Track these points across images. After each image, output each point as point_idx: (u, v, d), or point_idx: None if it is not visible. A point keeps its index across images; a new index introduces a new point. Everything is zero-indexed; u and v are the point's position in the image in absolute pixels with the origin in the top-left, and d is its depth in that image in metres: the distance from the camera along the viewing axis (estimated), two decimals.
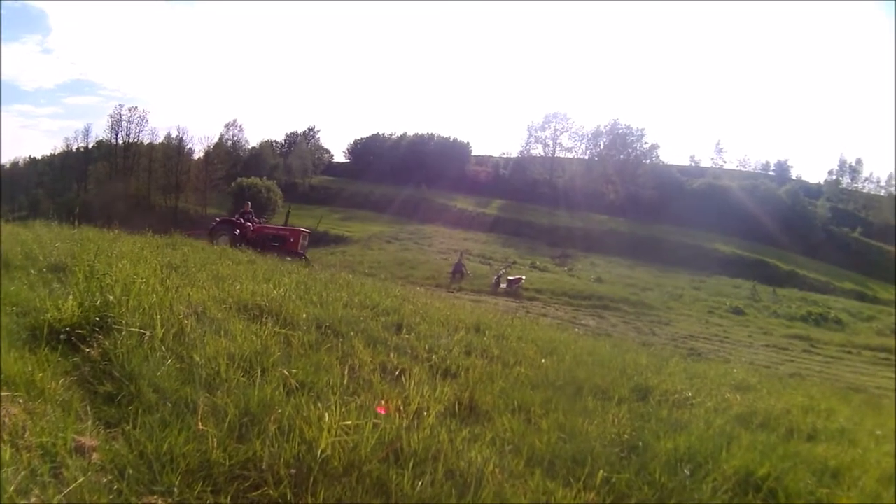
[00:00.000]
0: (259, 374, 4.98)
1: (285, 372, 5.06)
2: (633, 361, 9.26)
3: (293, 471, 3.61)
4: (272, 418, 4.10)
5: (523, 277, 40.04)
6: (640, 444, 5.06)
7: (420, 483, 3.74)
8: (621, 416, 5.78)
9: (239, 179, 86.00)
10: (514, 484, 3.99)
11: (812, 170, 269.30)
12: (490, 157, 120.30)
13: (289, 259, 21.77)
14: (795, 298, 56.08)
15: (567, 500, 3.95)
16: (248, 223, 27.43)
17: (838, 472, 5.29)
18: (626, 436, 5.22)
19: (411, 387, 5.39)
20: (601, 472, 4.27)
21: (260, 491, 3.49)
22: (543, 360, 7.95)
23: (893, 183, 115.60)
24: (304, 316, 7.39)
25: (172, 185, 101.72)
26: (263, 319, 6.97)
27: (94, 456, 3.55)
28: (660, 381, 7.76)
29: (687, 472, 4.61)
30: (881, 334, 44.64)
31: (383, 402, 4.74)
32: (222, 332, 5.96)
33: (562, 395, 6.23)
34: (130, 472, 3.45)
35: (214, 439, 3.79)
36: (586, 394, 6.52)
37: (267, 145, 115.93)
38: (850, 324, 49.84)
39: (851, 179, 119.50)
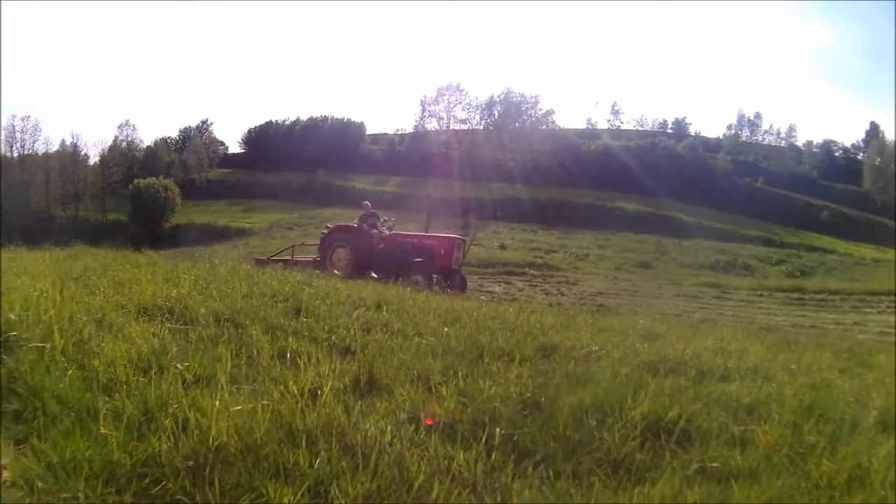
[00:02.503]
0: (157, 372, 4.99)
1: (179, 366, 5.09)
2: (539, 322, 9.38)
3: (190, 462, 3.67)
4: (169, 413, 4.16)
5: None
6: (544, 399, 5.14)
7: (317, 460, 3.77)
8: (524, 376, 5.87)
9: (136, 181, 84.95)
10: (414, 451, 4.02)
11: (711, 126, 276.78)
12: (385, 134, 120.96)
13: (438, 284, 19.03)
14: (702, 248, 57.86)
15: (468, 462, 3.98)
16: (374, 230, 22.26)
17: (753, 407, 5.44)
18: (528, 394, 5.30)
19: (308, 367, 5.44)
20: (499, 430, 4.30)
21: (161, 485, 3.52)
22: (445, 329, 8.02)
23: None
24: (203, 311, 7.46)
25: (71, 194, 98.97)
26: (162, 319, 7.03)
27: (5, 474, 3.62)
28: (565, 338, 7.88)
29: (593, 422, 4.70)
30: (791, 276, 46.60)
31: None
32: (121, 336, 5.94)
33: (463, 361, 6.32)
34: (39, 484, 3.48)
35: (115, 441, 3.82)
36: (489, 357, 6.62)
37: (161, 143, 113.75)
38: (760, 268, 51.87)
39: (751, 133, 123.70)
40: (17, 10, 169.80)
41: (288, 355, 6.01)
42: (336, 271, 20.09)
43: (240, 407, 4.23)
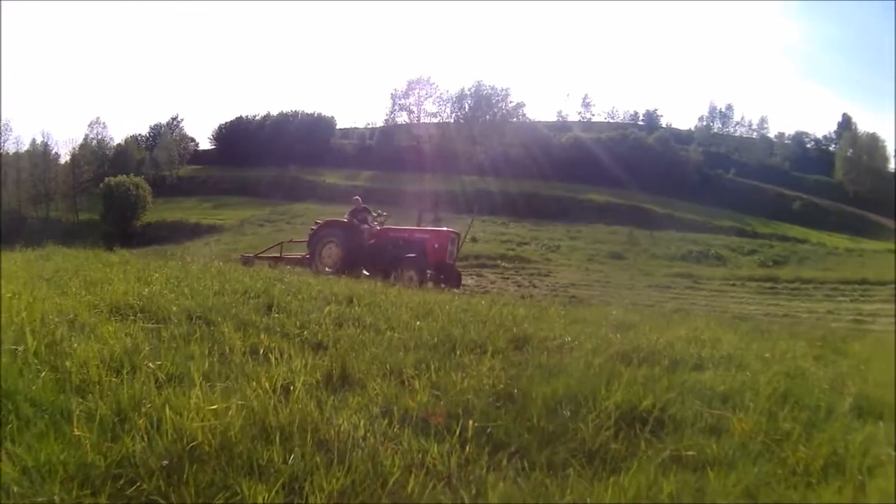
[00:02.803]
0: (130, 372, 4.98)
1: (150, 365, 5.05)
2: (511, 314, 9.42)
3: (164, 462, 3.63)
4: (142, 413, 4.12)
5: None
6: (517, 391, 5.16)
7: (291, 457, 3.75)
8: (497, 368, 5.87)
9: (107, 179, 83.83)
10: (388, 446, 4.02)
11: (683, 118, 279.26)
12: (356, 128, 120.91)
13: (433, 279, 18.69)
14: (674, 239, 58.38)
15: (442, 455, 3.97)
16: (365, 225, 21.88)
17: (728, 396, 5.47)
18: (501, 385, 5.31)
19: (281, 363, 5.47)
20: (472, 422, 4.31)
21: (135, 486, 3.49)
22: (418, 323, 8.02)
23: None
24: (175, 309, 7.43)
25: (42, 194, 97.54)
26: (135, 318, 7.00)
27: None
28: (537, 330, 7.91)
29: (567, 413, 4.71)
30: (764, 265, 47.05)
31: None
32: (93, 337, 5.90)
33: (435, 354, 6.32)
34: (15, 489, 3.42)
35: (89, 443, 3.78)
36: (461, 350, 6.63)
37: (132, 140, 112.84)
38: (732, 258, 52.42)
39: (723, 124, 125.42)
40: None
41: (260, 352, 6.03)
42: (326, 268, 19.95)
43: (213, 405, 4.20)
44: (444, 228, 22.55)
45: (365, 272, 18.89)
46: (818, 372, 6.86)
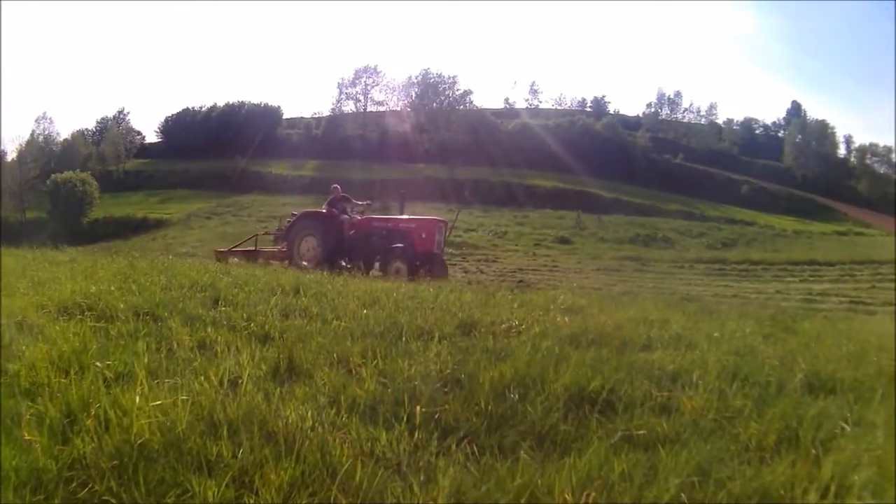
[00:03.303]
0: (78, 372, 4.95)
1: (99, 365, 5.07)
2: (458, 300, 9.45)
3: (115, 462, 3.63)
4: (91, 414, 4.13)
5: None
6: (464, 376, 5.17)
7: (240, 450, 3.75)
8: (444, 353, 5.88)
9: (53, 176, 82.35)
10: (336, 435, 4.01)
11: (631, 104, 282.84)
12: (302, 118, 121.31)
13: (421, 270, 17.31)
14: (622, 223, 59.11)
15: (391, 442, 3.99)
16: (345, 215, 21.01)
17: (677, 375, 5.51)
18: (448, 371, 5.32)
19: (228, 356, 5.54)
20: (419, 408, 4.34)
21: (87, 488, 3.48)
22: (364, 311, 8.05)
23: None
24: (123, 306, 7.43)
25: None
26: (82, 317, 6.99)
27: None
28: (484, 315, 7.93)
29: (515, 396, 4.73)
30: (712, 248, 47.77)
31: None
32: (41, 338, 5.89)
33: (382, 342, 6.33)
34: None
35: (39, 447, 3.78)
36: (408, 337, 6.65)
37: (79, 135, 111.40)
38: (680, 241, 53.19)
39: (671, 111, 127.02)
40: None
41: (208, 346, 6.08)
42: (305, 263, 19.37)
43: (160, 402, 4.22)
44: (432, 217, 21.76)
45: (343, 264, 18.60)
46: (768, 350, 6.91)
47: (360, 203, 22.34)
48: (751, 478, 3.61)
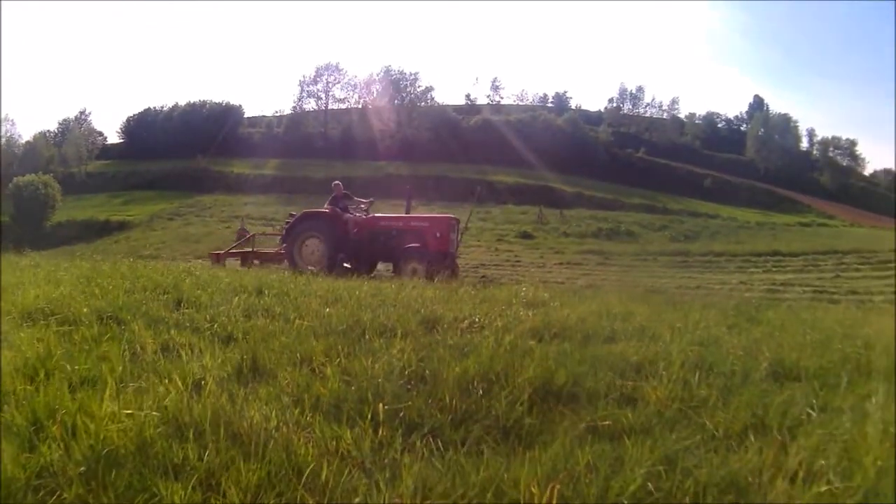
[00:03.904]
0: (44, 378, 4.97)
1: (64, 370, 5.08)
2: (420, 296, 9.51)
3: (83, 469, 3.61)
4: (57, 421, 4.11)
5: None
6: (428, 372, 5.19)
7: (206, 453, 3.75)
8: (407, 350, 5.87)
9: (15, 179, 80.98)
10: (301, 434, 4.04)
11: (593, 100, 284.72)
12: (263, 117, 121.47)
13: (437, 271, 16.23)
14: (584, 217, 59.39)
15: (355, 440, 4.00)
16: (348, 214, 19.93)
17: (641, 366, 5.58)
18: (411, 367, 5.34)
19: (192, 359, 5.56)
20: (382, 405, 4.35)
21: (56, 496, 3.47)
22: (327, 310, 8.07)
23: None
24: (86, 310, 7.37)
25: None
26: (46, 322, 6.92)
27: None
28: (447, 311, 7.97)
29: (479, 391, 4.77)
30: (675, 240, 48.21)
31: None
32: (5, 345, 5.83)
33: (345, 340, 6.36)
34: None
35: (7, 456, 3.75)
36: (371, 334, 6.67)
37: (41, 137, 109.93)
38: (643, 234, 53.58)
39: (633, 106, 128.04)
40: None
41: (171, 348, 6.05)
42: (309, 266, 18.25)
43: (126, 407, 4.25)
44: (444, 215, 20.87)
45: (346, 265, 18.22)
46: (732, 340, 6.97)
47: (363, 201, 21.29)
48: (718, 465, 3.64)
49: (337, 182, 21.15)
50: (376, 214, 20.75)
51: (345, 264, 18.36)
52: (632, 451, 3.78)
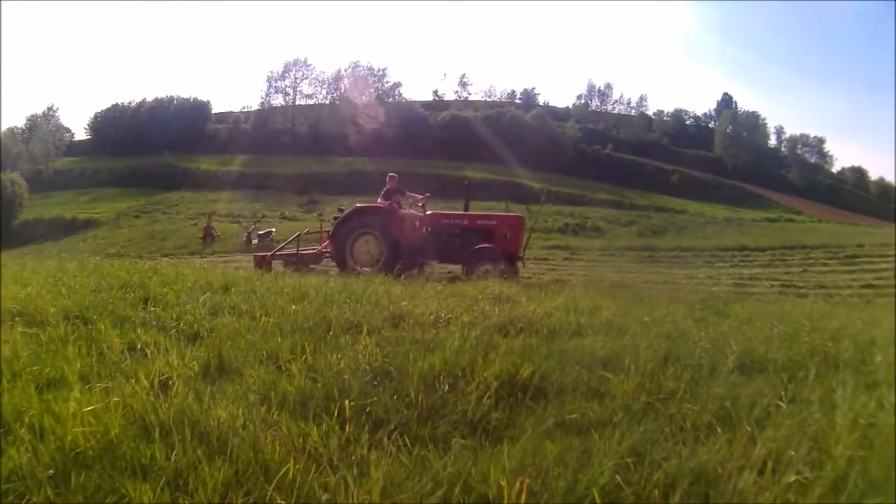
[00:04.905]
0: (11, 380, 4.94)
1: (31, 372, 5.07)
2: (386, 292, 9.55)
3: (51, 471, 3.60)
4: (25, 423, 4.10)
5: (273, 230, 40.93)
6: (393, 368, 5.21)
7: (173, 453, 3.73)
8: (373, 346, 5.91)
9: None
10: (267, 433, 4.03)
11: (561, 96, 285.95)
12: (231, 112, 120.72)
13: (501, 273, 15.64)
14: (551, 212, 59.48)
15: (322, 437, 4.01)
16: (405, 209, 18.69)
17: (608, 360, 5.58)
18: (377, 363, 5.35)
19: (158, 357, 5.54)
20: (348, 402, 4.34)
21: (24, 500, 3.46)
22: (293, 307, 8.10)
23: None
24: (53, 310, 7.37)
25: None
26: (13, 323, 6.84)
27: None
28: (413, 307, 8.01)
29: (445, 386, 4.79)
30: (642, 235, 48.53)
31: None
32: None
33: (311, 337, 6.38)
34: None
35: None
36: (337, 331, 6.70)
37: (9, 133, 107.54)
38: (610, 230, 53.96)
39: (601, 102, 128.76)
40: None
41: (138, 347, 6.04)
42: (362, 267, 17.32)
43: (92, 407, 4.21)
44: (513, 214, 20.14)
45: (400, 266, 16.72)
46: (699, 333, 7.00)
47: (419, 196, 19.49)
48: (686, 457, 3.66)
49: (392, 174, 19.50)
50: (437, 211, 19.34)
51: (399, 266, 16.80)
52: (600, 445, 3.79)
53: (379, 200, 18.48)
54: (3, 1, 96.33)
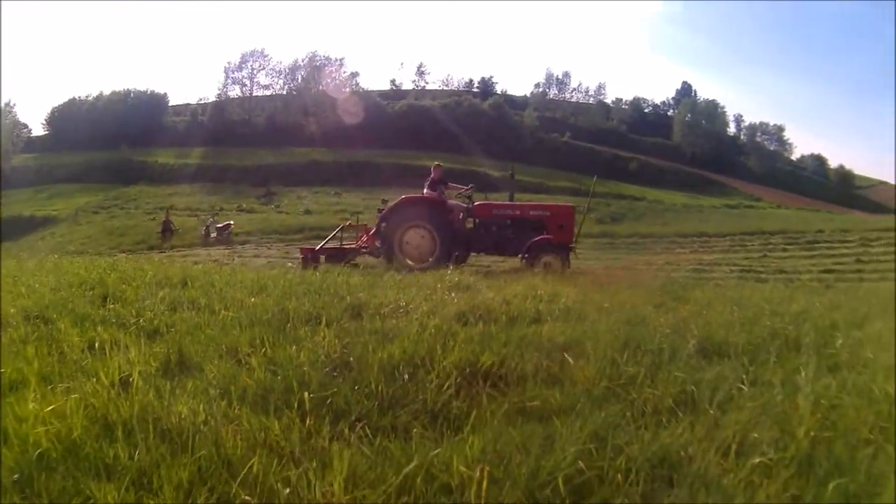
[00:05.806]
0: None
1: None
2: (345, 283, 9.56)
3: (16, 475, 3.55)
4: None
5: (232, 223, 41.21)
6: (353, 359, 5.20)
7: (136, 451, 3.71)
8: (332, 337, 5.91)
9: None
10: (229, 428, 4.01)
11: (518, 85, 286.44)
12: (188, 105, 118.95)
13: (561, 265, 15.82)
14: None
15: (283, 430, 4.00)
16: (453, 201, 18.17)
17: (568, 346, 5.62)
18: (336, 354, 5.35)
19: (117, 355, 5.44)
20: (308, 394, 4.36)
21: None
22: (252, 300, 8.11)
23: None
24: (13, 310, 7.33)
25: None
26: None
27: None
28: (372, 297, 8.04)
29: (405, 376, 4.79)
30: (601, 222, 48.83)
31: None
32: None
33: (270, 330, 6.36)
34: None
35: None
36: (296, 323, 6.71)
37: None
38: None
39: (559, 91, 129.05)
40: None
41: (97, 345, 5.94)
42: (411, 262, 16.67)
43: (52, 407, 4.21)
44: (565, 204, 19.42)
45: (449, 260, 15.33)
46: (659, 318, 7.09)
47: (463, 187, 18.90)
48: (649, 441, 3.68)
49: (438, 163, 19.12)
50: (486, 202, 18.87)
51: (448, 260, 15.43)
52: (561, 431, 3.81)
53: (425, 191, 17.95)
54: None
